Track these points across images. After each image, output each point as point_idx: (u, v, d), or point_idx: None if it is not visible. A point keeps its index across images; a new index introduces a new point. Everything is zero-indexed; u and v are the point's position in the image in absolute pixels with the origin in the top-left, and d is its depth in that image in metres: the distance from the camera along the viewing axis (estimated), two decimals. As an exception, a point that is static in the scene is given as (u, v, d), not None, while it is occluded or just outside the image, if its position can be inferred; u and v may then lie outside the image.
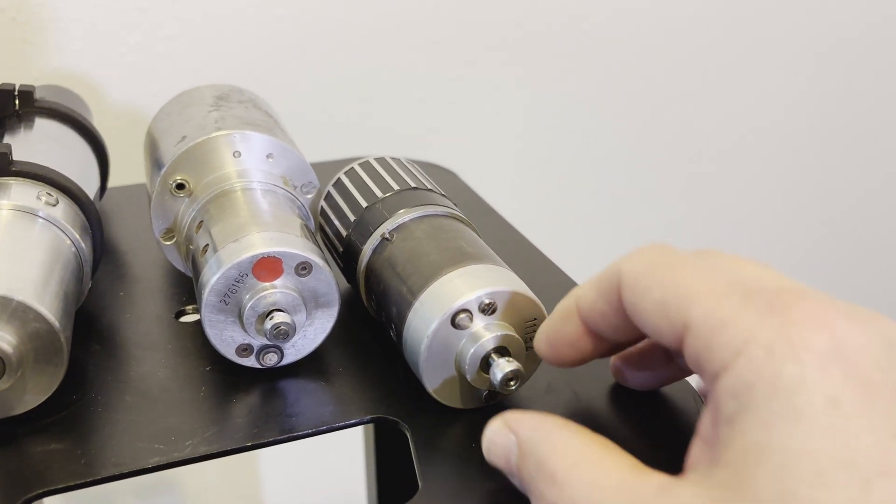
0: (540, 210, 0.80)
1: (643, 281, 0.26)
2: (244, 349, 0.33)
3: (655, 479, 0.23)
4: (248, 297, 0.32)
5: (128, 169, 0.59)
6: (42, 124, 0.41)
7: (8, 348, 0.29)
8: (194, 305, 0.38)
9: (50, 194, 0.35)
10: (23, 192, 0.34)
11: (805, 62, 0.86)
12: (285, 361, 0.34)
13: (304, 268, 0.32)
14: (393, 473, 0.56)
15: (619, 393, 0.33)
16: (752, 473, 0.21)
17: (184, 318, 0.38)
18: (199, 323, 0.38)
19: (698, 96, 0.82)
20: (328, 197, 0.39)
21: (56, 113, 0.41)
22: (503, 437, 0.27)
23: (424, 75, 0.71)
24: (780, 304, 0.22)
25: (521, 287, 0.31)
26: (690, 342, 0.24)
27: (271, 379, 0.34)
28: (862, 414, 0.21)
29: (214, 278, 0.31)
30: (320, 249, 0.34)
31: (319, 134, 0.70)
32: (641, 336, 0.29)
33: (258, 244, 0.32)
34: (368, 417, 0.32)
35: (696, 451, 0.24)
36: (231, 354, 0.33)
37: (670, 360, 0.32)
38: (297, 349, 0.34)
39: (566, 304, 0.29)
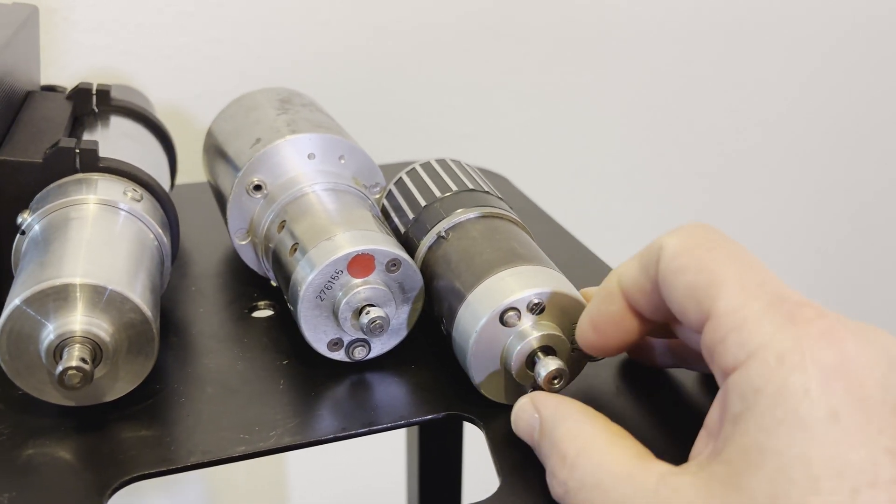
0: (572, 215, 0.81)
1: (679, 259, 0.26)
2: (335, 343, 0.34)
3: (658, 468, 0.25)
4: (342, 293, 0.33)
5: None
6: (118, 122, 0.42)
7: (105, 336, 0.30)
8: (266, 301, 0.39)
9: (135, 190, 0.36)
10: (109, 188, 0.35)
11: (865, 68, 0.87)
12: (372, 354, 0.35)
13: (394, 264, 0.33)
14: (432, 481, 0.57)
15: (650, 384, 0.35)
16: (748, 473, 0.22)
17: (256, 314, 0.39)
18: (272, 318, 0.39)
19: (739, 99, 0.83)
20: (389, 195, 0.40)
21: (130, 111, 0.43)
22: (528, 413, 0.29)
23: (459, 82, 0.73)
24: (800, 316, 0.23)
25: (570, 289, 0.32)
26: (709, 332, 0.25)
27: (348, 373, 0.35)
28: (858, 428, 0.22)
29: (312, 275, 0.33)
30: None
31: (357, 137, 0.71)
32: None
33: (353, 242, 0.33)
34: (443, 414, 0.33)
35: (700, 443, 0.25)
36: (323, 348, 0.34)
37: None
38: (383, 343, 0.35)
39: (608, 284, 0.30)
